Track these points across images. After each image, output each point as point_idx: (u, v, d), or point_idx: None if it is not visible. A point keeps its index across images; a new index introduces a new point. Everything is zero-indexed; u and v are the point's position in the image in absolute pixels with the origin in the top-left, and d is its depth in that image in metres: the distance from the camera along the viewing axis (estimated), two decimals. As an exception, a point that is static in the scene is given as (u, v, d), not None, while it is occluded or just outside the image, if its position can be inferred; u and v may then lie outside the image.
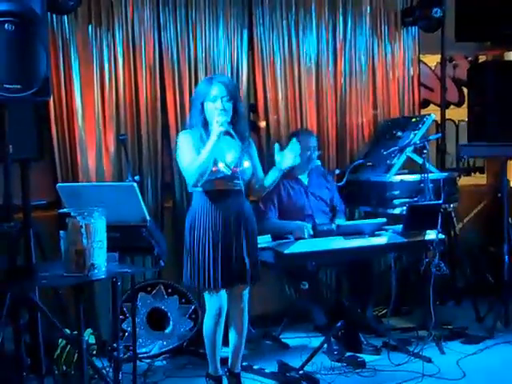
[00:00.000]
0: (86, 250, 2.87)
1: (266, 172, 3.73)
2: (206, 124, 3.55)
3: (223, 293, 3.59)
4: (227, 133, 3.47)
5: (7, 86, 3.16)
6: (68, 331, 3.83)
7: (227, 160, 3.53)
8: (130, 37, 4.51)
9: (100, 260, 2.92)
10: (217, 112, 3.47)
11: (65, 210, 3.04)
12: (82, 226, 2.86)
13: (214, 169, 3.46)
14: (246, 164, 3.58)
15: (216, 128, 3.41)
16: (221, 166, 3.48)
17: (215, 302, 3.59)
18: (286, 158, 3.54)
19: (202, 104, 3.55)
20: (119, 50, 4.50)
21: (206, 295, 3.62)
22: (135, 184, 3.33)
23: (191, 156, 3.49)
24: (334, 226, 4.21)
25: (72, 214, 2.89)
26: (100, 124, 4.47)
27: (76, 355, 3.71)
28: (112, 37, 4.47)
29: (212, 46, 4.75)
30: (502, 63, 5.63)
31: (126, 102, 4.55)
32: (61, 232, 2.90)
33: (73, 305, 3.23)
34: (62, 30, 4.32)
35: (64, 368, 3.90)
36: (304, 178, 4.67)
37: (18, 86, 3.19)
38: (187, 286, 3.69)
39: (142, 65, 4.56)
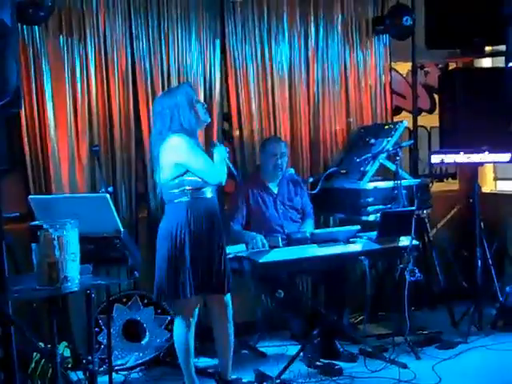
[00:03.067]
0: (58, 262, 2.85)
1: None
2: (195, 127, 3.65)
3: (194, 302, 3.61)
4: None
5: (-23, 98, 3.12)
6: (42, 345, 3.79)
7: None
8: (102, 47, 4.51)
9: (73, 272, 2.90)
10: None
11: (37, 222, 3.01)
12: (54, 239, 2.84)
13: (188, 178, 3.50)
14: None
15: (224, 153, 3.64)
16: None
17: (186, 311, 3.62)
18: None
19: (193, 105, 3.63)
20: (91, 60, 4.49)
21: (178, 303, 3.63)
22: (108, 195, 3.32)
23: (205, 157, 3.58)
24: (307, 233, 4.23)
25: (44, 226, 2.87)
26: (73, 135, 4.45)
27: (51, 369, 3.67)
28: (84, 47, 4.46)
29: (185, 56, 4.76)
30: (472, 70, 5.71)
31: (99, 113, 4.53)
32: (33, 245, 2.88)
33: (47, 318, 3.20)
34: (33, 41, 4.31)
35: (39, 382, 3.85)
36: (273, 187, 4.69)
37: (-12, 98, 3.16)
38: (157, 296, 3.67)
39: (114, 75, 4.55)
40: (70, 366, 4.03)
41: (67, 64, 4.42)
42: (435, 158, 5.08)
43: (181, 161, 3.54)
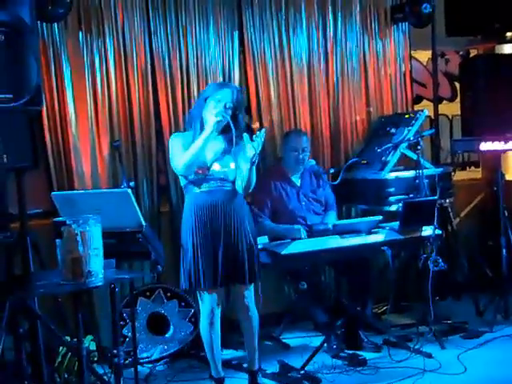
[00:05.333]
0: (82, 257, 2.88)
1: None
2: (201, 123, 3.59)
3: (215, 293, 3.62)
4: (223, 132, 3.56)
5: (-2, 96, 3.16)
6: (68, 338, 3.84)
7: (220, 161, 3.59)
8: (120, 43, 4.52)
9: (97, 267, 2.93)
10: (215, 110, 3.51)
11: (60, 218, 3.04)
12: (77, 234, 2.87)
13: (202, 170, 3.51)
14: (232, 165, 3.62)
15: (212, 119, 3.47)
16: (215, 167, 3.55)
17: (207, 302, 3.63)
18: (248, 148, 3.50)
19: (206, 100, 3.60)
20: (110, 56, 4.50)
21: (199, 296, 3.66)
22: (130, 190, 3.34)
23: (181, 149, 3.55)
24: (330, 225, 4.22)
25: (67, 222, 2.89)
26: (94, 131, 4.48)
27: (77, 362, 3.71)
28: (103, 43, 4.47)
29: (203, 50, 4.76)
30: (493, 57, 5.62)
31: (119, 108, 4.56)
32: (57, 240, 2.91)
33: (72, 312, 3.23)
34: (53, 38, 4.33)
35: (65, 376, 3.90)
36: (296, 179, 4.68)
37: (10, 96, 3.19)
38: (182, 289, 3.71)
39: (133, 70, 4.57)
40: (95, 359, 4.07)
41: (87, 60, 4.44)
42: (457, 146, 5.03)
43: (170, 157, 3.65)
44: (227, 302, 4.08)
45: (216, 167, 3.56)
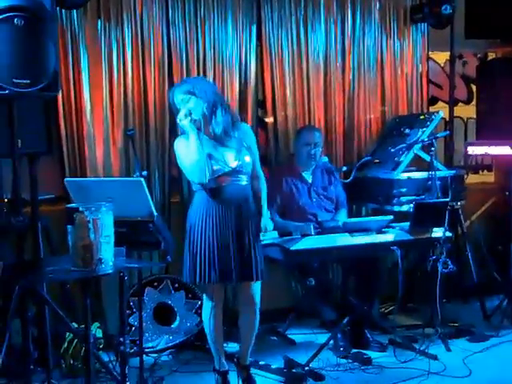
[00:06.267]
0: (93, 244, 2.87)
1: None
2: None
3: (218, 287, 3.63)
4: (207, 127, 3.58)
5: (16, 80, 3.16)
6: (75, 325, 3.86)
7: (226, 158, 3.57)
8: (138, 32, 4.53)
9: (107, 255, 2.93)
10: (178, 117, 3.55)
11: (72, 204, 3.04)
12: (89, 221, 2.87)
13: (214, 168, 3.51)
14: (247, 158, 3.61)
15: (185, 122, 3.52)
16: (218, 163, 3.54)
17: (210, 295, 3.66)
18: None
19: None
20: (128, 45, 4.51)
21: (202, 289, 3.67)
22: (143, 179, 3.33)
23: (188, 158, 3.53)
24: (340, 223, 4.22)
25: (80, 208, 2.90)
26: (108, 119, 4.50)
27: (83, 349, 3.73)
28: (121, 32, 4.48)
29: (220, 42, 4.75)
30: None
31: (135, 97, 4.56)
32: (68, 227, 2.91)
33: (80, 299, 3.25)
34: (71, 25, 4.34)
35: (71, 361, 3.94)
36: (307, 176, 4.68)
37: (27, 81, 3.20)
38: (186, 281, 3.73)
39: (150, 60, 4.57)
40: (101, 346, 4.09)
41: (104, 49, 4.45)
42: (471, 149, 5.02)
43: (178, 163, 3.68)
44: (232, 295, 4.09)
45: (223, 162, 3.55)
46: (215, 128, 3.57)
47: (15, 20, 3.14)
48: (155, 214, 3.34)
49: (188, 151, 3.51)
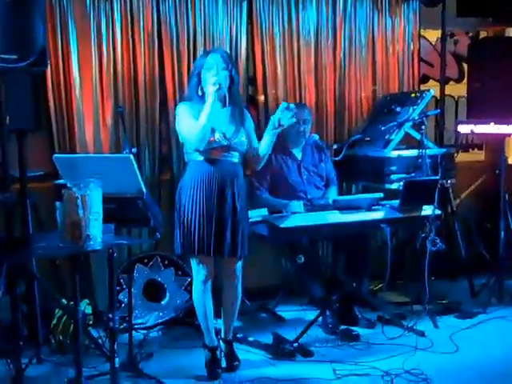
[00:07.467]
0: (81, 221, 2.87)
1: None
2: (202, 96, 3.59)
3: (208, 262, 3.65)
4: (223, 100, 3.60)
5: (4, 56, 3.15)
6: (65, 301, 3.87)
7: (226, 132, 3.60)
8: (128, 8, 4.49)
9: (96, 231, 2.93)
10: (212, 79, 3.53)
11: (61, 181, 3.03)
12: (77, 198, 2.86)
13: (211, 139, 3.54)
14: (243, 138, 3.66)
15: (210, 88, 3.51)
16: (217, 135, 3.56)
17: (202, 269, 3.66)
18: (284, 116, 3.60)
19: (199, 75, 3.63)
20: (117, 21, 4.47)
21: (193, 262, 3.69)
22: (132, 156, 3.32)
23: (191, 122, 3.55)
24: (330, 200, 4.22)
25: (68, 185, 2.89)
26: (98, 95, 4.47)
27: (72, 325, 3.74)
28: (110, 7, 4.44)
29: (211, 19, 4.72)
30: (503, 39, 5.59)
31: (124, 74, 4.54)
32: (57, 203, 2.91)
33: (69, 275, 3.25)
34: (60, 0, 4.29)
35: (60, 338, 3.95)
36: (297, 153, 4.67)
37: (15, 57, 3.18)
38: (177, 253, 3.73)
39: (140, 37, 4.54)
40: (91, 322, 4.11)
41: (93, 24, 4.41)
42: (461, 128, 5.02)
43: (176, 127, 3.69)
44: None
45: (218, 135, 3.56)
46: (229, 106, 3.64)
47: (3, -5, 3.12)
48: (144, 190, 3.33)
49: (191, 115, 3.56)
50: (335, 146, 4.83)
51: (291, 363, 3.87)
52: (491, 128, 4.83)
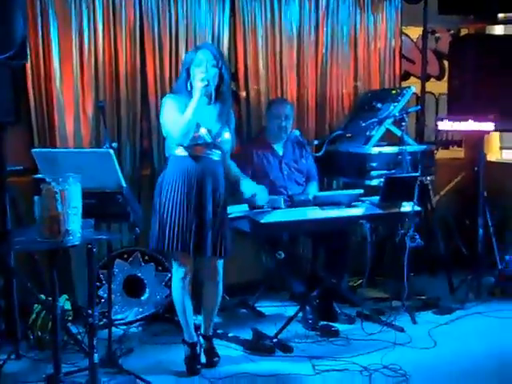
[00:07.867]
0: (60, 215, 2.85)
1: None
2: (191, 91, 3.58)
3: (188, 258, 3.64)
4: (210, 97, 3.59)
5: (-18, 49, 3.11)
6: (43, 297, 3.85)
7: (211, 129, 3.58)
8: (110, 1, 4.45)
9: (75, 226, 2.91)
10: (201, 75, 3.51)
11: (40, 175, 3.01)
12: (56, 192, 2.84)
13: (195, 134, 3.52)
14: (227, 135, 3.65)
15: (198, 84, 3.49)
16: (203, 131, 3.55)
17: (181, 266, 3.66)
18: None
19: (188, 70, 3.61)
20: (99, 14, 4.43)
21: (173, 259, 3.69)
22: (112, 151, 3.31)
23: (176, 115, 3.53)
24: (310, 196, 4.23)
25: (47, 179, 2.87)
26: (78, 89, 4.43)
27: (51, 321, 3.72)
28: (92, 1, 4.39)
29: (193, 13, 4.69)
30: (484, 37, 5.62)
31: (106, 68, 4.50)
32: (35, 197, 2.89)
33: (48, 271, 3.23)
34: (41, -7, 4.26)
35: (39, 333, 3.92)
36: (279, 149, 4.68)
37: (-6, 49, 3.15)
38: (152, 249, 3.72)
39: (121, 31, 4.51)
40: (70, 318, 4.09)
41: (74, 17, 4.36)
42: (441, 125, 5.05)
43: (161, 119, 3.66)
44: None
45: (205, 131, 3.55)
46: (218, 103, 3.63)
47: (-19, -13, 3.09)
48: (124, 185, 3.32)
49: (177, 109, 3.53)
50: (316, 142, 4.83)
51: (271, 359, 3.88)
52: (471, 125, 4.86)
